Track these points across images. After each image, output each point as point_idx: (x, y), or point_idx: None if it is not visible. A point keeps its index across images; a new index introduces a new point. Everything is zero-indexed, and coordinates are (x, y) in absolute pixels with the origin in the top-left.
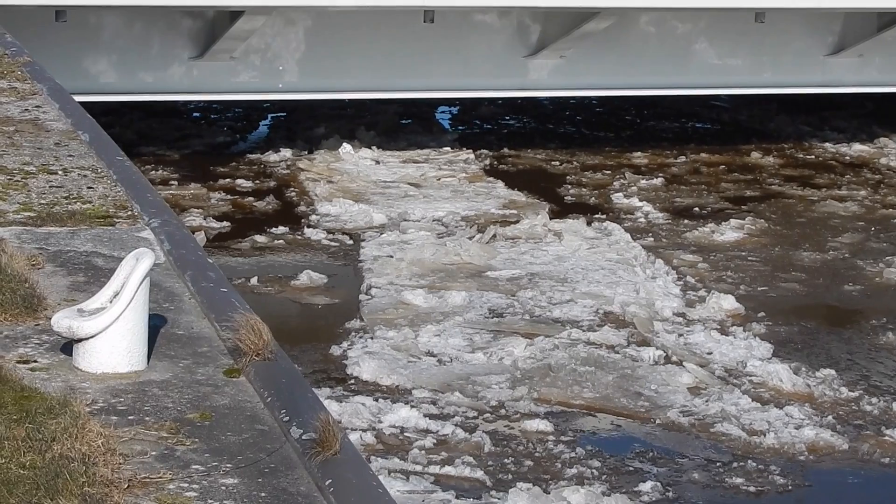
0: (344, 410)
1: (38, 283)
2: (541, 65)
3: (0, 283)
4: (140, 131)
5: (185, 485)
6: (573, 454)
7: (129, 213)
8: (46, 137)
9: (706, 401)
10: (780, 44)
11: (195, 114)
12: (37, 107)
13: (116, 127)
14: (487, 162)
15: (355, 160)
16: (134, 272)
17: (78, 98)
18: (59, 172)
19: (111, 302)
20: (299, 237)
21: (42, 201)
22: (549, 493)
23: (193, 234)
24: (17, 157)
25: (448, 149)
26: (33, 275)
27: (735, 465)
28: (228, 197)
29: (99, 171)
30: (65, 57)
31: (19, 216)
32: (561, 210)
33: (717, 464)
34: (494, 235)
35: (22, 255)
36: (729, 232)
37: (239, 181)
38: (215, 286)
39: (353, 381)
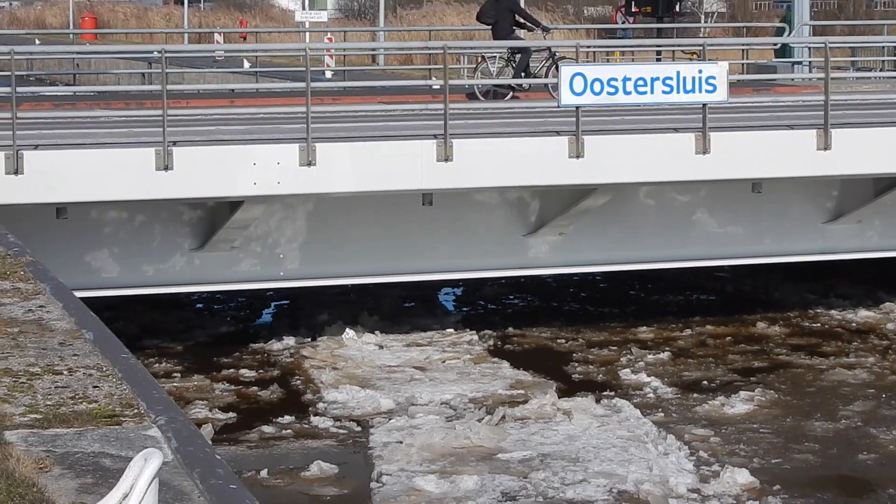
0: None
1: (46, 486)
2: (541, 242)
3: (9, 489)
4: (143, 324)
5: None
6: None
7: (136, 411)
8: (51, 337)
9: None
10: (778, 213)
11: (198, 304)
12: (40, 306)
13: (120, 321)
14: (492, 342)
15: (359, 346)
16: (142, 473)
17: (81, 294)
18: (65, 372)
19: None
20: (306, 426)
21: (48, 402)
22: None
23: (200, 426)
24: (22, 358)
25: (451, 330)
26: (41, 478)
27: None
28: (233, 387)
29: (104, 369)
30: (66, 253)
31: (26, 419)
32: (569, 388)
33: None
34: (503, 417)
35: (29, 459)
36: (739, 404)
37: (243, 371)
38: (224, 483)
39: None
